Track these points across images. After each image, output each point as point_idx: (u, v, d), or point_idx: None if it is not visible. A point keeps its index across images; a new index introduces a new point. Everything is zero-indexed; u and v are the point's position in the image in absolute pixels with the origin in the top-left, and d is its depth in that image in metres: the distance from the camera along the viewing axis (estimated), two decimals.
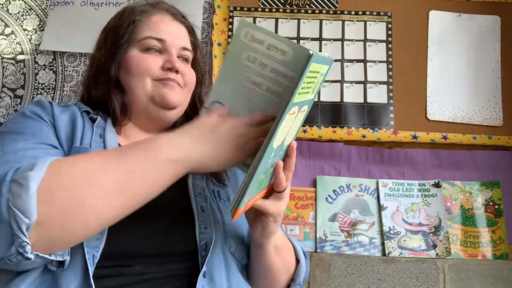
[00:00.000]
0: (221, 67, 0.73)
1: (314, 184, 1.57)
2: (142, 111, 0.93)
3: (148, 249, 0.76)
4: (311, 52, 0.63)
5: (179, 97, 0.93)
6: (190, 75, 0.96)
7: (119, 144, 0.86)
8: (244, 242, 0.90)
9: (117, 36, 0.93)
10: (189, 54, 0.99)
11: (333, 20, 1.69)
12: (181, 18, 1.00)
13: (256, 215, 0.79)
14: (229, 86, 0.71)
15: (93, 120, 0.88)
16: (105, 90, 0.92)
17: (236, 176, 1.00)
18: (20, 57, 1.67)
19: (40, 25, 1.70)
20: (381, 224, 1.52)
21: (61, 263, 0.68)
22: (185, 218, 0.82)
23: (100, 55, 0.95)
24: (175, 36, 0.96)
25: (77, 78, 1.65)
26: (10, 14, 1.71)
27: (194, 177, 0.89)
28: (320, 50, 1.67)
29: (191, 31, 1.02)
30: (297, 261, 0.93)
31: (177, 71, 0.92)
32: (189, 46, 0.99)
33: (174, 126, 0.97)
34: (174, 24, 0.97)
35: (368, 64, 1.65)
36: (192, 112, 1.00)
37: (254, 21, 1.69)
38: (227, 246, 0.84)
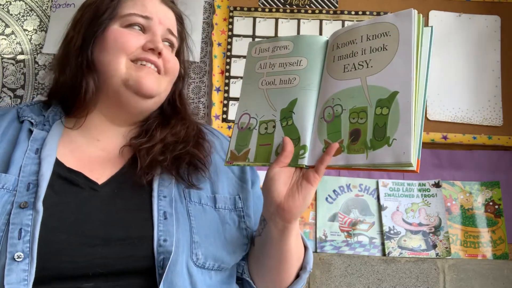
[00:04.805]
0: (241, 86, 0.81)
1: None
2: (112, 96, 0.81)
3: (97, 267, 0.68)
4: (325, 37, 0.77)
5: (157, 85, 0.81)
6: (173, 63, 0.85)
7: (57, 159, 0.75)
8: (223, 243, 0.80)
9: (98, 12, 0.83)
10: (175, 40, 0.88)
11: (333, 20, 1.69)
12: (170, 3, 0.90)
13: (303, 183, 0.71)
14: (250, 97, 0.79)
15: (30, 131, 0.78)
16: (74, 72, 0.80)
17: (219, 174, 0.86)
18: (20, 57, 1.68)
19: (41, 26, 1.70)
20: (381, 224, 1.52)
21: None
22: (143, 227, 0.72)
23: (74, 33, 0.84)
24: (163, 16, 0.85)
25: None
26: (11, 14, 1.71)
27: (162, 178, 0.78)
28: None
29: (179, 19, 0.91)
30: (305, 247, 0.86)
31: (159, 54, 0.81)
32: (175, 32, 0.89)
33: (147, 120, 0.86)
34: (162, 7, 0.87)
35: None
36: (169, 109, 0.89)
37: (254, 21, 1.69)
38: (191, 260, 0.73)
